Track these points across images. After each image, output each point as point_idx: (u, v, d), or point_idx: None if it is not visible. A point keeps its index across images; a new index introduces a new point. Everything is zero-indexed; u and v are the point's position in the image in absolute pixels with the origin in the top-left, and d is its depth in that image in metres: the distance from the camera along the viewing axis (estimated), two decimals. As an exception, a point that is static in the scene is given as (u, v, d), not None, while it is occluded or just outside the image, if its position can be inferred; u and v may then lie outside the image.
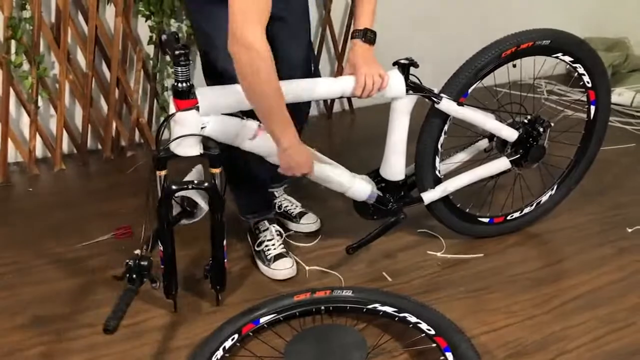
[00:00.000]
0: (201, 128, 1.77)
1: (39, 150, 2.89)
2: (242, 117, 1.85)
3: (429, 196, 2.16)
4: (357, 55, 1.95)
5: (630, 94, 3.50)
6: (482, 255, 2.26)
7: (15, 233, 2.37)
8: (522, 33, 2.08)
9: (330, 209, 2.45)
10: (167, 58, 2.92)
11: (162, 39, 1.78)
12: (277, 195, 2.40)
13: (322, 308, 1.86)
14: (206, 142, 1.80)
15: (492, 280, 2.13)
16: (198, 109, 1.75)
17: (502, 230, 2.36)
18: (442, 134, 2.11)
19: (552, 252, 2.33)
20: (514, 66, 2.14)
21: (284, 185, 2.39)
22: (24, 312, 1.95)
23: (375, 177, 2.14)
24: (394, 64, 2.00)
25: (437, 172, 2.16)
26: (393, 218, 2.13)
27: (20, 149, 2.81)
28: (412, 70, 2.00)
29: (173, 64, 1.75)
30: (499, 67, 2.09)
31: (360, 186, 2.07)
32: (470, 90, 2.08)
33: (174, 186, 1.79)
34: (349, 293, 1.89)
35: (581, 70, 2.19)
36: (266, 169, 2.08)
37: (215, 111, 1.80)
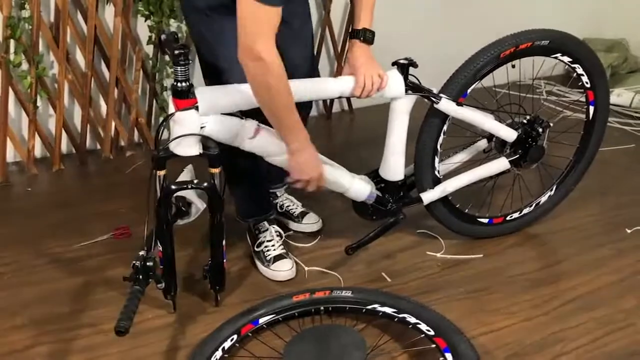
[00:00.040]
0: (200, 128, 1.77)
1: (38, 150, 2.89)
2: (241, 117, 1.84)
3: (428, 196, 2.16)
4: (356, 55, 1.95)
5: (629, 95, 3.50)
6: (481, 255, 2.26)
7: (14, 233, 2.36)
8: (521, 33, 2.08)
9: (329, 209, 2.45)
10: (166, 58, 2.92)
11: (162, 39, 1.78)
12: (279, 196, 2.39)
13: (322, 308, 1.86)
14: (205, 141, 1.80)
15: (491, 281, 2.13)
16: (197, 108, 1.75)
17: (502, 231, 2.36)
18: (441, 134, 2.11)
19: (551, 252, 2.33)
20: (512, 66, 2.14)
21: (285, 185, 2.39)
22: (23, 312, 1.95)
23: (374, 178, 2.14)
24: (393, 64, 2.00)
25: (436, 172, 2.16)
26: (392, 218, 2.13)
27: (19, 149, 2.80)
28: (411, 70, 2.00)
29: (172, 63, 1.75)
30: (498, 67, 2.09)
31: (360, 186, 2.06)
32: (469, 91, 2.08)
33: (173, 186, 1.79)
34: (348, 293, 1.89)
35: (580, 70, 2.19)
36: (266, 170, 2.08)
37: (214, 111, 1.80)
